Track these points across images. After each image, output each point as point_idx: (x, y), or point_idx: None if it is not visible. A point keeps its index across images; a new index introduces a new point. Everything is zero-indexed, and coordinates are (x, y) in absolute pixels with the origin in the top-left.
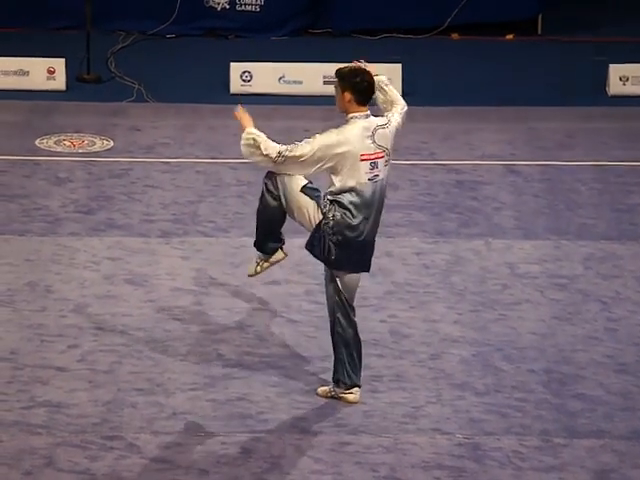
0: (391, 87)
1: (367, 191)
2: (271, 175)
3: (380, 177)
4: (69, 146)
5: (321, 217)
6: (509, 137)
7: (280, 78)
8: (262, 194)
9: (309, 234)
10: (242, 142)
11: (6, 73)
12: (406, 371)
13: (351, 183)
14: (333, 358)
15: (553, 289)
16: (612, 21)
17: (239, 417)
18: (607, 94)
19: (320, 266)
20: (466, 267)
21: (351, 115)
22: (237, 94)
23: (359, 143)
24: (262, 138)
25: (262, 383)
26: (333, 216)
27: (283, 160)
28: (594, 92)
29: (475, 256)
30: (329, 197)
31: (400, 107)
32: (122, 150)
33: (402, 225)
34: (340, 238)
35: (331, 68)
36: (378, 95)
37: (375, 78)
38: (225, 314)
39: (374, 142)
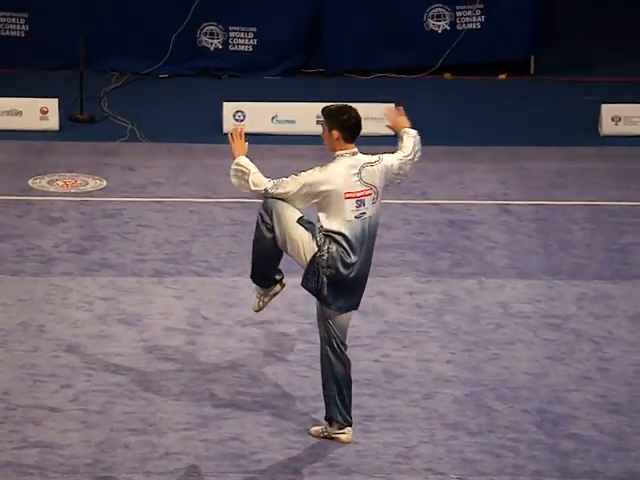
0: (413, 139)
1: (356, 229)
2: (267, 206)
3: (367, 215)
4: (62, 186)
5: (316, 249)
6: (502, 176)
7: (273, 117)
8: (257, 225)
9: (303, 271)
10: (231, 172)
11: None
12: (399, 411)
13: (338, 220)
14: (323, 397)
15: (546, 329)
16: (604, 61)
17: (232, 457)
18: (599, 134)
19: (313, 306)
20: (459, 306)
21: (338, 153)
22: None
23: (343, 181)
24: (251, 171)
25: (255, 423)
26: (328, 249)
27: (270, 196)
28: (586, 132)
29: (468, 295)
30: (323, 232)
31: (403, 154)
32: (115, 190)
33: (395, 264)
34: (333, 272)
35: None
36: (398, 142)
37: (405, 129)
38: (218, 354)
39: (360, 180)
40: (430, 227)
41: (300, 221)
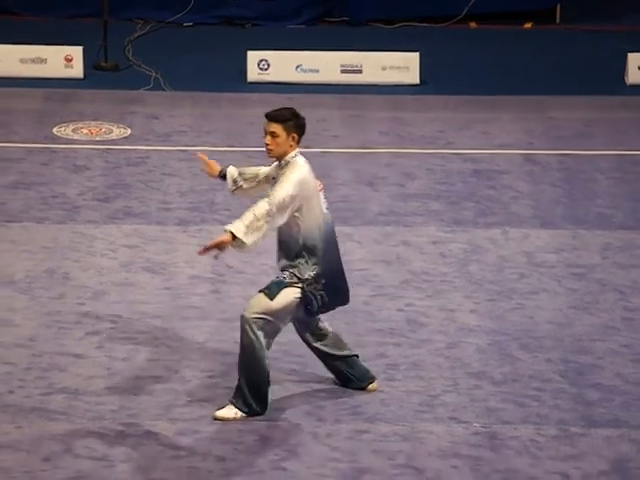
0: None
1: (329, 219)
2: (247, 324)
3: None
4: (87, 134)
5: (299, 287)
6: (527, 126)
7: (297, 66)
8: (246, 344)
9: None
10: (243, 238)
11: (24, 61)
12: (423, 360)
13: (317, 215)
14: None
15: (570, 278)
16: (631, 10)
17: None
18: (626, 83)
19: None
20: (483, 256)
21: (290, 156)
22: (254, 82)
23: (311, 176)
24: (247, 213)
25: (279, 371)
26: (309, 272)
27: (275, 210)
28: (612, 81)
29: (492, 245)
30: (301, 257)
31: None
32: (139, 138)
33: (419, 214)
34: (324, 281)
35: (348, 57)
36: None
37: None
38: (242, 302)
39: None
40: (454, 177)
41: (273, 292)
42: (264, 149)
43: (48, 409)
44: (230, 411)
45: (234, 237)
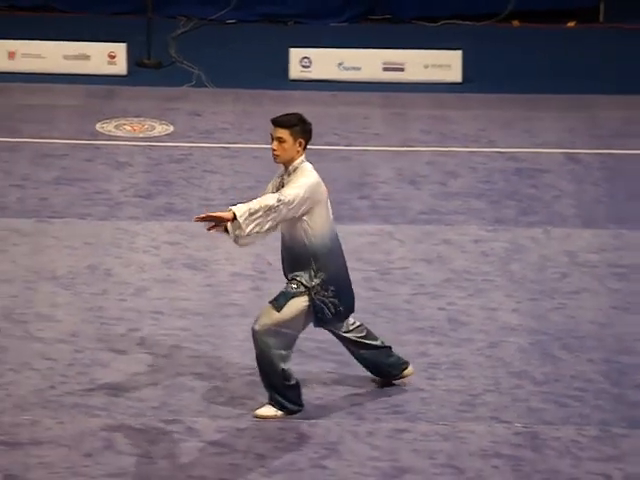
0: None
1: (333, 228)
2: (262, 340)
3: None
4: (129, 130)
5: (307, 295)
6: (569, 125)
7: (339, 64)
8: (269, 361)
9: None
10: (242, 222)
11: (67, 57)
12: (464, 359)
13: (325, 220)
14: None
15: (612, 278)
16: None
17: None
18: None
19: (378, 253)
20: (525, 255)
21: (298, 162)
22: (296, 80)
23: (321, 181)
24: (254, 203)
25: (319, 369)
26: (316, 275)
27: (282, 207)
28: None
29: (534, 244)
30: (307, 263)
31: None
32: (182, 135)
33: (461, 212)
34: (333, 288)
35: (391, 55)
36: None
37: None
38: None
39: None
40: (496, 175)
41: (282, 303)
42: (308, 147)
43: (89, 405)
44: (270, 410)
45: (235, 219)
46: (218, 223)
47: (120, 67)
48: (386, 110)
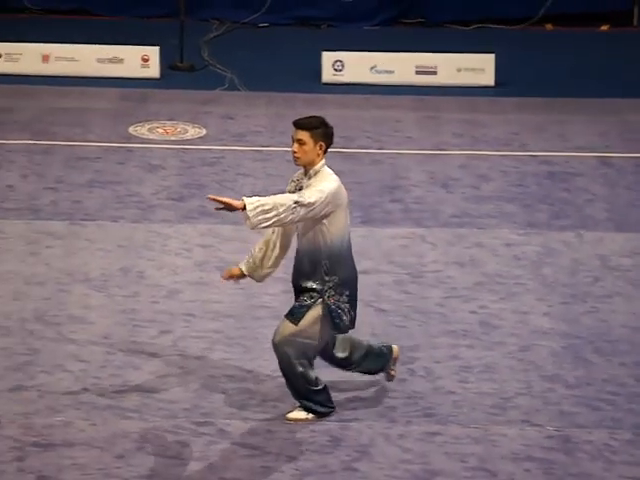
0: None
1: (349, 231)
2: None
3: None
4: (162, 133)
5: (321, 303)
6: (602, 129)
7: (372, 67)
8: (287, 367)
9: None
10: (250, 215)
11: (101, 61)
12: (496, 362)
13: (343, 226)
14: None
15: None
16: None
17: None
18: None
19: (410, 256)
20: (557, 259)
21: (320, 165)
22: (329, 83)
23: (343, 187)
24: (268, 199)
25: (351, 372)
26: (328, 284)
27: (300, 209)
28: None
29: (566, 248)
30: (321, 268)
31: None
32: (214, 138)
33: (493, 216)
34: (348, 293)
35: (423, 58)
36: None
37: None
38: None
39: None
40: (529, 179)
41: (292, 317)
42: (336, 149)
43: (122, 407)
44: (301, 413)
45: (245, 208)
46: (228, 209)
47: (153, 70)
48: (418, 113)
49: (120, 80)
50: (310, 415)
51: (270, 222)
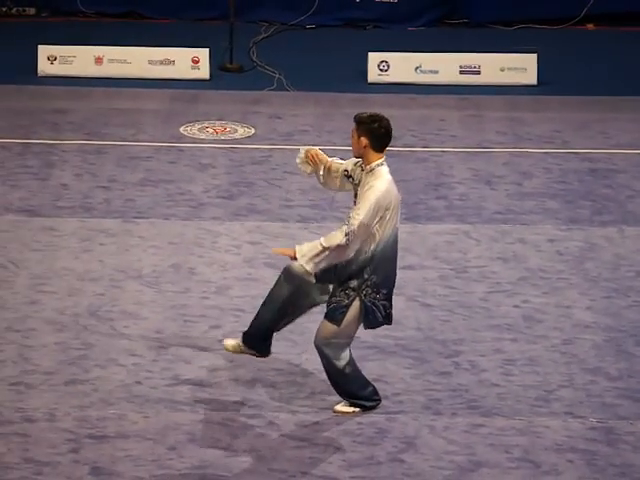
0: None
1: (396, 234)
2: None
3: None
4: (212, 133)
5: (357, 300)
6: None
7: (417, 68)
8: (330, 368)
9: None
10: (304, 263)
11: (153, 62)
12: (539, 355)
13: (391, 229)
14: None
15: None
16: None
17: None
18: None
19: (455, 252)
20: (599, 254)
21: (375, 163)
22: (374, 83)
23: (395, 188)
24: (318, 241)
25: (397, 365)
26: (371, 279)
27: (353, 238)
28: None
29: (608, 243)
30: (362, 266)
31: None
32: (263, 137)
33: (536, 212)
34: (385, 292)
35: (467, 58)
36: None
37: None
38: None
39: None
40: (571, 176)
41: (333, 319)
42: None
43: (174, 400)
44: (349, 406)
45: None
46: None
47: (203, 72)
48: (462, 112)
49: (171, 81)
50: (357, 409)
51: (326, 262)
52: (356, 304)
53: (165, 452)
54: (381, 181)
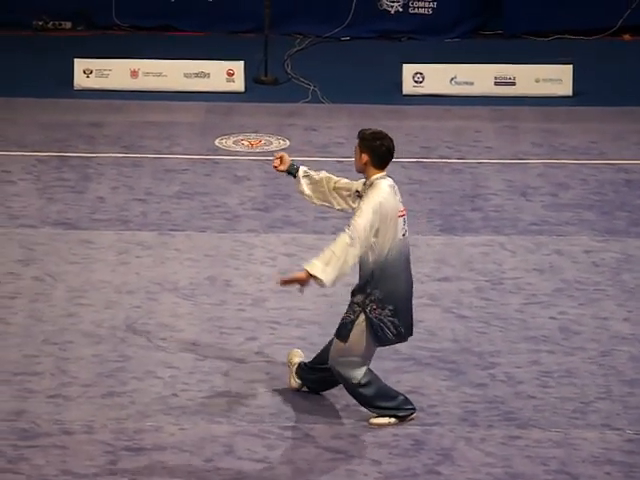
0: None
1: (405, 246)
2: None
3: (407, 233)
4: (247, 145)
5: (363, 316)
6: None
7: (452, 79)
8: (349, 387)
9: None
10: (317, 275)
11: (188, 75)
12: (576, 367)
13: (390, 241)
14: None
15: None
16: None
17: None
18: None
19: (490, 263)
20: (636, 265)
21: (374, 177)
22: (409, 95)
23: (393, 200)
24: (326, 254)
25: (433, 377)
26: (374, 294)
27: (355, 236)
28: None
29: None
30: (366, 280)
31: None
32: (298, 149)
33: (572, 224)
34: (392, 307)
35: (502, 69)
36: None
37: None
38: None
39: (399, 199)
40: (607, 187)
41: (340, 337)
42: (417, 159)
43: (210, 412)
44: (384, 418)
45: (311, 274)
46: (303, 284)
47: (238, 84)
48: (497, 124)
49: (206, 94)
50: (392, 419)
51: (337, 268)
52: (362, 320)
53: (202, 464)
54: (377, 193)
